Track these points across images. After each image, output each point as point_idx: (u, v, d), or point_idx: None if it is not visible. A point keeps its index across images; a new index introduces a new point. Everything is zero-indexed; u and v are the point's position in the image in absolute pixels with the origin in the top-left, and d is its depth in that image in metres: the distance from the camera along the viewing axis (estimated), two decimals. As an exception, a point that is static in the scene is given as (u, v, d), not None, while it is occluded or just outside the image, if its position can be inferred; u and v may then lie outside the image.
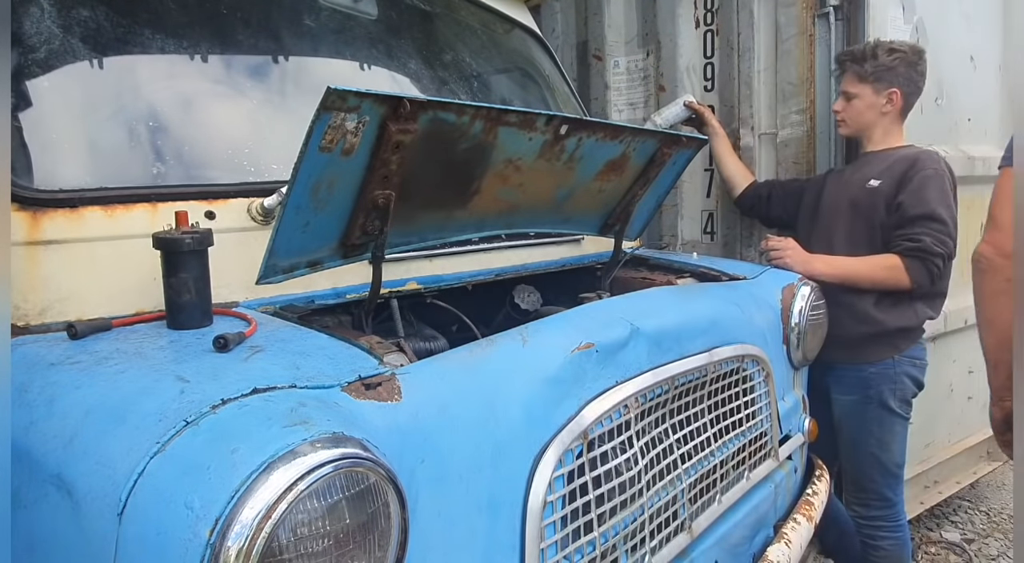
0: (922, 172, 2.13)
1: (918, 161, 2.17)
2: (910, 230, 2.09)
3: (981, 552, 3.00)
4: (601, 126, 1.54)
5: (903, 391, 2.23)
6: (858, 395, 2.25)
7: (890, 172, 2.19)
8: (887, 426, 2.23)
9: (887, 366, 2.22)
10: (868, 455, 2.25)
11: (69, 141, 1.29)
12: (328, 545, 0.84)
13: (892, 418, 2.23)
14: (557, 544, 1.16)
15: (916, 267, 2.08)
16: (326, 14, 1.81)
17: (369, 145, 1.15)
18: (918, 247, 2.07)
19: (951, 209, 2.14)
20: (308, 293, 1.44)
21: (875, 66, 2.21)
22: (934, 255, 2.06)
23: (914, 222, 2.08)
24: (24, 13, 1.28)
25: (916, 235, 2.08)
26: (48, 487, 0.88)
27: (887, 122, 2.27)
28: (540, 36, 2.60)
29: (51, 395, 0.96)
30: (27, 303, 1.16)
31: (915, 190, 2.11)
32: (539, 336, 1.27)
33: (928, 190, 2.11)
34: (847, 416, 2.28)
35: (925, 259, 2.07)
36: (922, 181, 2.12)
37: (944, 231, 2.08)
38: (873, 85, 2.22)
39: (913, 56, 2.23)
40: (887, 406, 2.22)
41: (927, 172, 2.13)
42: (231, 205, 1.37)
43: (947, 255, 2.09)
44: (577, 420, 1.20)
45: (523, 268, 1.89)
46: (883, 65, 2.21)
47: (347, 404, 0.96)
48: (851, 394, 2.26)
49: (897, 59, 2.20)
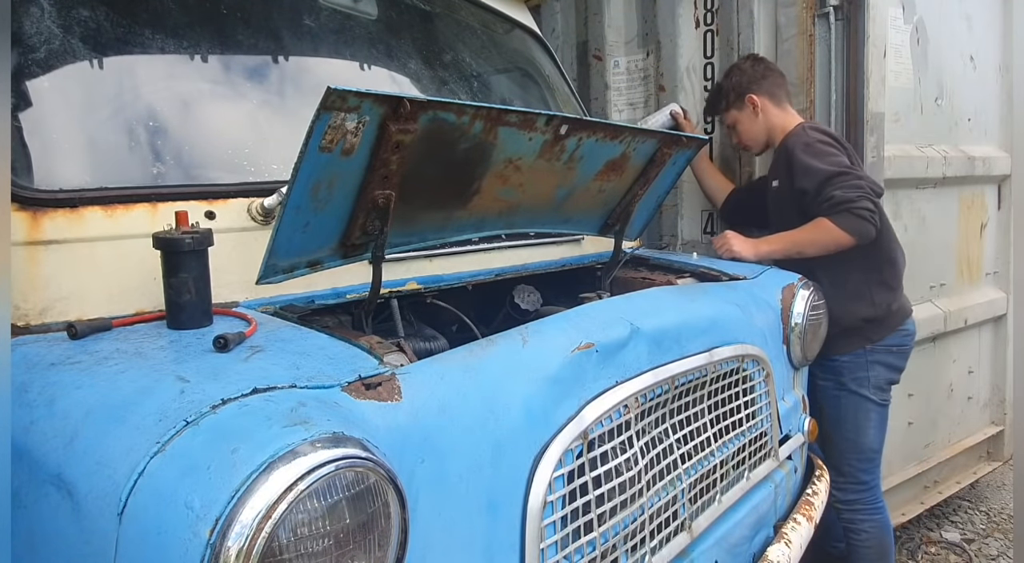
0: (792, 152, 2.24)
1: (785, 145, 2.31)
2: (820, 198, 2.13)
3: (981, 552, 3.01)
4: (601, 126, 1.54)
5: (876, 379, 2.29)
6: (832, 382, 2.32)
7: (777, 168, 2.36)
8: (862, 412, 2.29)
9: (858, 355, 2.28)
10: (844, 439, 2.31)
11: (69, 141, 1.29)
12: (328, 545, 0.84)
13: (867, 404, 2.29)
14: (557, 544, 1.16)
15: (844, 220, 2.10)
16: (326, 14, 1.80)
17: (369, 145, 1.15)
18: (832, 203, 2.10)
19: (839, 155, 2.20)
20: (308, 293, 1.44)
21: (727, 95, 2.49)
22: (852, 201, 2.09)
23: (819, 191, 2.14)
24: (24, 13, 1.28)
25: (826, 196, 2.12)
26: (48, 487, 0.88)
27: (768, 121, 2.45)
28: (540, 36, 2.60)
29: (51, 395, 0.96)
30: (27, 303, 1.16)
31: (799, 169, 2.21)
32: (539, 336, 1.27)
33: (806, 159, 2.19)
34: (824, 401, 2.34)
35: (846, 209, 2.09)
36: (797, 158, 2.22)
37: (846, 178, 2.12)
38: (735, 105, 2.48)
39: (745, 64, 2.49)
40: (860, 394, 2.28)
41: (795, 148, 2.24)
42: (231, 205, 1.37)
43: (865, 194, 2.10)
44: (577, 420, 1.20)
45: (523, 268, 1.89)
46: (729, 89, 2.48)
47: (347, 404, 0.96)
48: (826, 381, 2.33)
49: (735, 77, 2.47)
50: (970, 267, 3.13)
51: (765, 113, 2.43)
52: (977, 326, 3.18)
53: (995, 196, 3.28)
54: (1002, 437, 3.35)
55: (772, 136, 2.45)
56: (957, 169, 2.90)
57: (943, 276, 2.96)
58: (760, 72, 2.45)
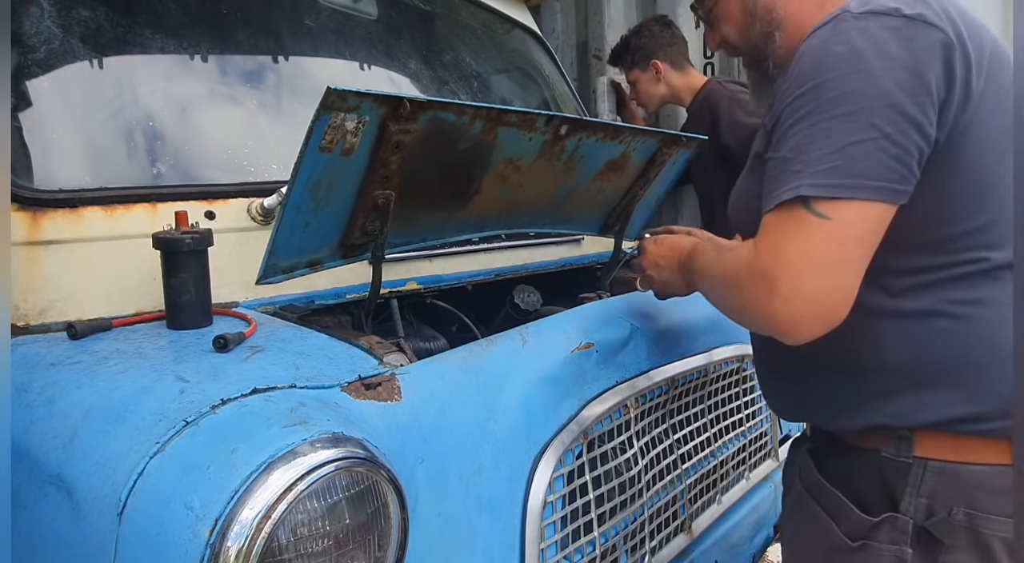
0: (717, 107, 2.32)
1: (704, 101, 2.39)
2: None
3: (981, 552, 3.00)
4: (601, 126, 1.54)
5: None
6: None
7: (695, 125, 2.39)
8: None
9: None
10: None
11: (69, 141, 1.29)
12: (328, 545, 0.84)
13: None
14: (557, 544, 1.16)
15: None
16: (326, 14, 1.80)
17: (369, 145, 1.15)
18: None
19: None
20: (308, 293, 1.44)
21: (633, 53, 2.57)
22: None
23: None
24: (24, 13, 1.28)
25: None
26: (48, 487, 0.88)
27: (670, 84, 2.57)
28: (540, 36, 2.60)
29: (51, 395, 0.96)
30: (27, 303, 1.16)
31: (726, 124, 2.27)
32: (539, 336, 1.27)
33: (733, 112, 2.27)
34: None
35: None
36: (723, 112, 2.30)
37: None
38: (640, 66, 2.58)
39: (656, 27, 2.57)
40: None
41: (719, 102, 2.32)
42: (231, 205, 1.37)
43: None
44: (577, 420, 1.20)
45: (523, 268, 1.89)
46: (636, 48, 2.55)
47: (347, 404, 0.96)
48: None
49: (644, 39, 2.54)
50: (970, 267, 3.13)
51: (666, 78, 2.56)
52: (977, 326, 3.17)
53: (995, 196, 3.28)
54: (1002, 437, 3.34)
55: (677, 97, 2.57)
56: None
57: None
58: (667, 39, 2.57)
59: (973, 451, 0.94)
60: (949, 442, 0.95)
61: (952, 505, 0.93)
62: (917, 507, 0.95)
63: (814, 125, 0.85)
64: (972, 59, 0.88)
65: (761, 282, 0.87)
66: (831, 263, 0.84)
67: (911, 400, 0.96)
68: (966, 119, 0.88)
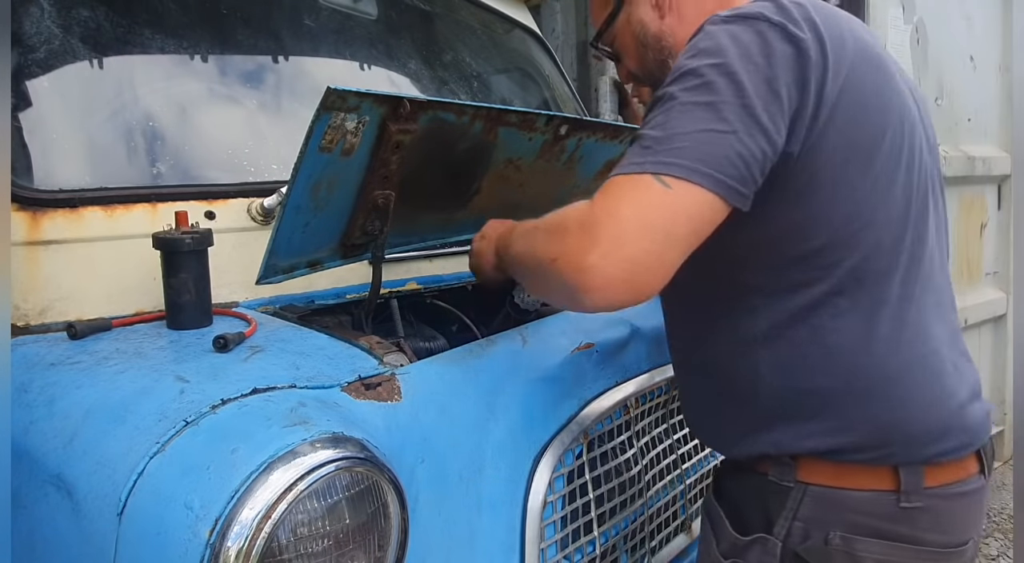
0: None
1: None
2: None
3: (981, 552, 3.00)
4: (601, 126, 1.54)
5: None
6: None
7: None
8: None
9: None
10: None
11: (69, 141, 1.29)
12: (328, 545, 0.84)
13: None
14: (557, 544, 1.16)
15: None
16: (326, 14, 1.80)
17: (369, 145, 1.15)
18: None
19: None
20: (308, 293, 1.44)
21: None
22: None
23: None
24: (24, 13, 1.28)
25: None
26: (48, 487, 0.88)
27: None
28: (540, 36, 2.60)
29: (51, 395, 0.96)
30: (27, 303, 1.16)
31: None
32: (539, 336, 1.27)
33: None
34: None
35: None
36: None
37: None
38: None
39: None
40: None
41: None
42: (231, 205, 1.37)
43: None
44: (577, 420, 1.20)
45: (523, 268, 1.89)
46: None
47: (347, 404, 0.96)
48: None
49: None
50: (970, 267, 3.13)
51: None
52: (977, 326, 3.18)
53: (995, 196, 3.28)
54: (1002, 437, 3.35)
55: None
56: (957, 169, 2.90)
57: (943, 276, 2.95)
58: None
59: (853, 477, 0.94)
60: (830, 468, 0.95)
61: (829, 530, 0.93)
62: (792, 531, 0.95)
63: (671, 109, 0.85)
64: (830, 66, 0.86)
65: (586, 234, 0.82)
66: (659, 231, 0.80)
67: (789, 429, 0.96)
68: (819, 127, 0.86)
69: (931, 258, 0.99)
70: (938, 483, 0.94)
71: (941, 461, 0.94)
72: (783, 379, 0.96)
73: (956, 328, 1.03)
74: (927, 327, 0.96)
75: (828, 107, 0.86)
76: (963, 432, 0.95)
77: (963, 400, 0.97)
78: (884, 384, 0.92)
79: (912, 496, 0.93)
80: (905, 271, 0.94)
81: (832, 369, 0.93)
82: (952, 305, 1.04)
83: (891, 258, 0.93)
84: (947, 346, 0.98)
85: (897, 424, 0.93)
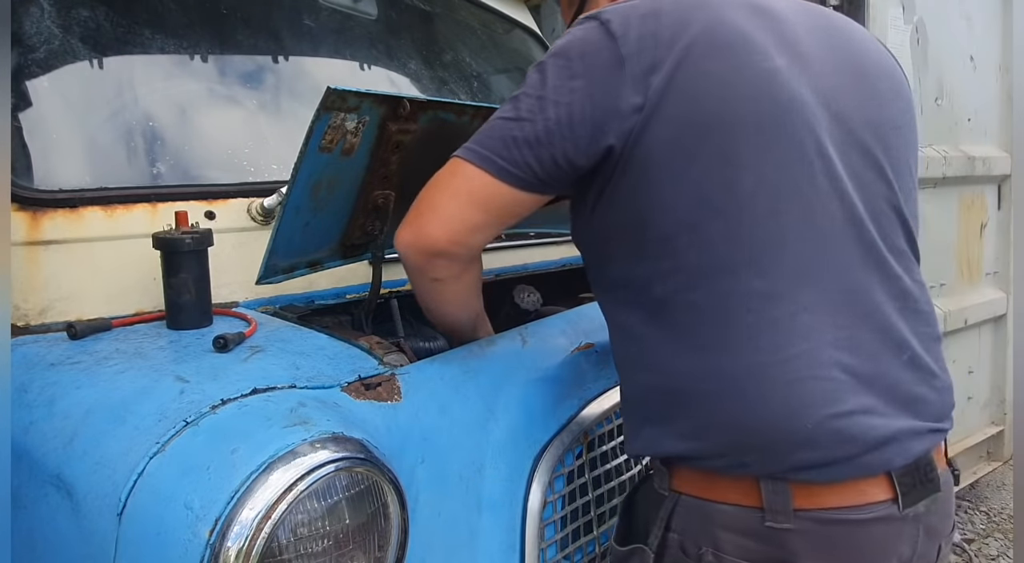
0: None
1: None
2: None
3: (981, 552, 3.00)
4: (601, 126, 1.54)
5: None
6: None
7: None
8: None
9: None
10: None
11: (69, 141, 1.29)
12: (328, 545, 0.84)
13: None
14: (557, 544, 1.16)
15: None
16: (326, 14, 1.80)
17: (369, 145, 1.15)
18: None
19: None
20: (308, 293, 1.44)
21: None
22: None
23: None
24: (24, 13, 1.28)
25: None
26: (48, 487, 0.88)
27: None
28: (540, 36, 2.60)
29: (51, 395, 0.96)
30: (27, 303, 1.16)
31: None
32: (539, 336, 1.27)
33: None
34: None
35: None
36: None
37: None
38: None
39: None
40: None
41: None
42: (231, 205, 1.37)
43: None
44: (577, 420, 1.20)
45: (523, 268, 1.89)
46: None
47: (347, 404, 0.96)
48: None
49: None
50: (970, 267, 3.13)
51: None
52: (977, 326, 3.17)
53: (995, 196, 3.28)
54: (1002, 437, 3.34)
55: None
56: (957, 169, 2.90)
57: (943, 276, 2.96)
58: None
59: (721, 489, 0.87)
60: (700, 478, 0.89)
61: (701, 544, 0.88)
62: (667, 542, 0.91)
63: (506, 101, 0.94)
64: (652, 61, 0.85)
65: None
66: (446, 193, 0.94)
67: (654, 430, 0.92)
68: (642, 120, 0.85)
69: (838, 255, 0.88)
70: (814, 505, 0.83)
71: (813, 478, 0.83)
72: (645, 376, 0.94)
73: (889, 333, 0.89)
74: (800, 327, 0.84)
75: (649, 103, 0.85)
76: (838, 446, 0.83)
77: (850, 410, 0.84)
78: (735, 385, 0.85)
79: (779, 516, 0.83)
80: (771, 265, 0.85)
81: (684, 368, 0.88)
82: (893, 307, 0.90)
83: (745, 252, 0.85)
84: (839, 349, 0.85)
85: (750, 429, 0.84)
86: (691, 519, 0.90)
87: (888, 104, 0.97)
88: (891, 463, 0.85)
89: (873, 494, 0.85)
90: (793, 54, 0.89)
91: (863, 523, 0.84)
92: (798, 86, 0.88)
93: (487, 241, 1.02)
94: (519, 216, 0.98)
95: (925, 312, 0.94)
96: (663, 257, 0.89)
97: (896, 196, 0.94)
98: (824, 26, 0.97)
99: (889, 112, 0.97)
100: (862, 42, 1.00)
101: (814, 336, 0.84)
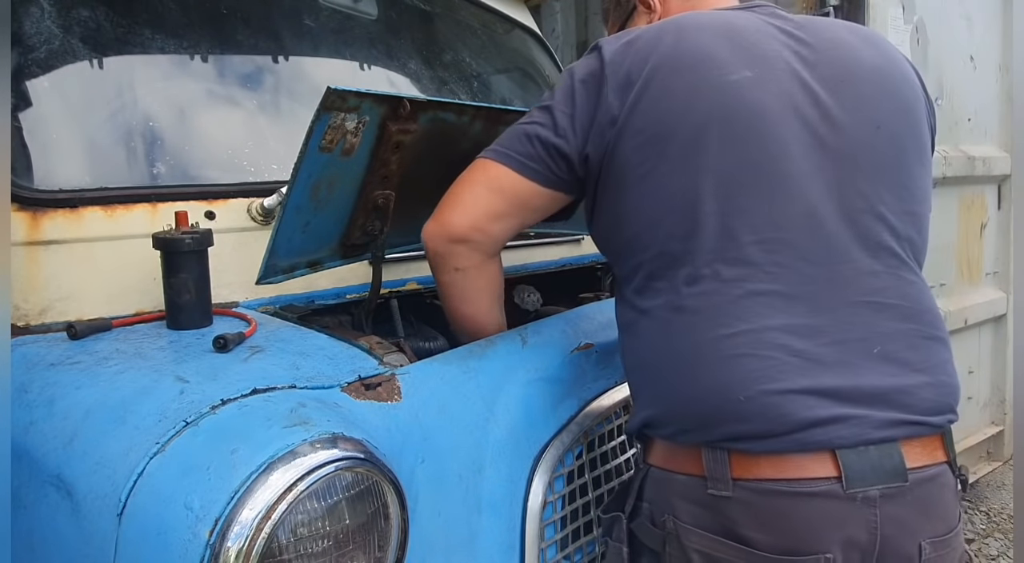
0: None
1: None
2: None
3: (981, 552, 3.00)
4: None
5: None
6: None
7: None
8: None
9: None
10: None
11: (69, 141, 1.29)
12: (328, 545, 0.84)
13: None
14: (557, 544, 1.16)
15: None
16: (326, 14, 1.80)
17: (369, 145, 1.15)
18: None
19: None
20: (308, 293, 1.44)
21: None
22: None
23: None
24: (24, 13, 1.28)
25: None
26: (48, 487, 0.88)
27: None
28: (540, 36, 2.60)
29: (51, 395, 0.96)
30: (27, 303, 1.16)
31: None
32: (539, 336, 1.27)
33: None
34: None
35: None
36: None
37: None
38: None
39: None
40: None
41: None
42: (231, 205, 1.37)
43: None
44: (577, 421, 1.20)
45: (523, 268, 1.89)
46: None
47: (347, 404, 0.96)
48: None
49: None
50: (970, 267, 3.13)
51: None
52: (977, 326, 3.17)
53: (995, 196, 3.28)
54: (1002, 437, 3.34)
55: None
56: (957, 169, 2.90)
57: (943, 276, 2.96)
58: None
59: (677, 459, 0.96)
60: (664, 449, 0.99)
61: (664, 512, 0.96)
62: (639, 511, 1.00)
63: None
64: (624, 83, 0.99)
65: None
66: (467, 187, 1.10)
67: (635, 406, 1.05)
68: (615, 132, 0.99)
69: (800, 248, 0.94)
70: (751, 475, 0.89)
71: (751, 449, 0.89)
72: (627, 359, 1.07)
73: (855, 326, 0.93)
74: (748, 311, 0.92)
75: (622, 116, 0.99)
76: (770, 420, 0.88)
77: (789, 389, 0.88)
78: (682, 358, 0.95)
79: (719, 484, 0.90)
80: (729, 256, 0.94)
81: (648, 347, 1.00)
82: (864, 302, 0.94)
83: (702, 242, 0.95)
84: (789, 333, 0.91)
85: (689, 397, 0.94)
86: (658, 489, 0.99)
87: (872, 106, 1.01)
88: (832, 443, 0.88)
89: (813, 470, 0.88)
90: (764, 67, 0.99)
91: (801, 496, 0.88)
92: (762, 95, 0.97)
93: (507, 233, 1.12)
94: (536, 210, 1.11)
95: (913, 309, 0.97)
96: (635, 253, 1.02)
97: (877, 194, 0.99)
98: (807, 39, 1.04)
99: (870, 113, 1.01)
100: (852, 49, 1.05)
101: (761, 319, 0.92)
